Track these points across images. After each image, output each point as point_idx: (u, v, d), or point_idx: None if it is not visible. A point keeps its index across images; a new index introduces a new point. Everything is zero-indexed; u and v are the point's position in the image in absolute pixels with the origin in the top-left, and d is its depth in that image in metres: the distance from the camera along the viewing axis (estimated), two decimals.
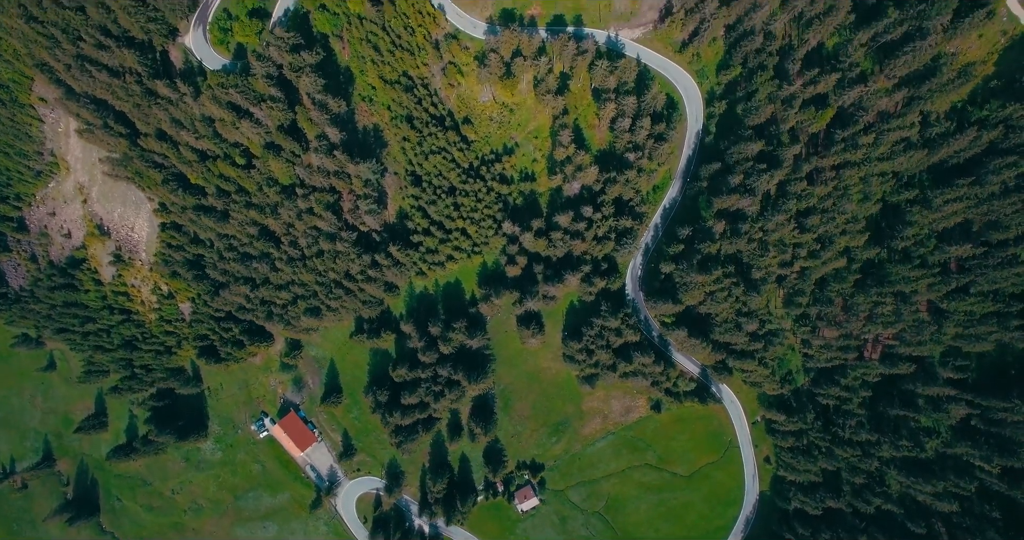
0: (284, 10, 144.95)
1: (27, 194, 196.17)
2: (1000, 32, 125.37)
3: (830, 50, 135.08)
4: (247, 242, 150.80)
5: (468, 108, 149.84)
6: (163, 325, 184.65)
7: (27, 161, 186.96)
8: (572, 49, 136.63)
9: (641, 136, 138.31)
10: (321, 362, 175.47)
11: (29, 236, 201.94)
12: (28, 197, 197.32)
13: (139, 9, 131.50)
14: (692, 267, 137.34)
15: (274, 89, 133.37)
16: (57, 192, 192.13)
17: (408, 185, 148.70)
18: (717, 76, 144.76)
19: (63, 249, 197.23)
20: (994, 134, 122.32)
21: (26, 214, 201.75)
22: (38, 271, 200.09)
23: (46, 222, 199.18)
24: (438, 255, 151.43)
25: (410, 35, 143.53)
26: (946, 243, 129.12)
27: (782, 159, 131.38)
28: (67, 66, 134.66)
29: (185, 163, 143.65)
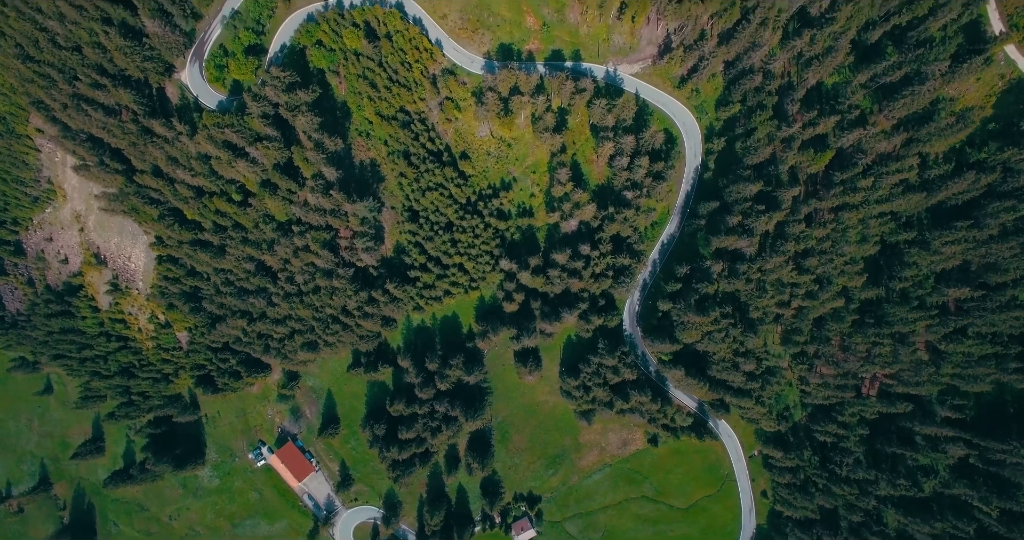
0: (280, 45, 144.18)
1: (24, 218, 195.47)
2: (998, 75, 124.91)
3: (829, 89, 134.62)
4: (244, 277, 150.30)
5: (465, 143, 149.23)
6: (160, 353, 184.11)
7: (24, 187, 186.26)
8: (570, 87, 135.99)
9: (639, 175, 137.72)
10: (319, 392, 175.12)
11: (26, 260, 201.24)
12: (25, 221, 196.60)
13: (135, 49, 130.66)
14: (689, 306, 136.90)
15: (270, 128, 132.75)
16: (54, 218, 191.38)
17: (405, 221, 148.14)
18: (716, 112, 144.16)
19: (60, 274, 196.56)
20: (992, 177, 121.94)
21: (23, 238, 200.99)
22: (35, 295, 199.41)
23: (43, 247, 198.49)
24: (435, 290, 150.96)
25: (407, 71, 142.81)
26: (944, 285, 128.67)
27: (781, 201, 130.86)
28: (63, 105, 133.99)
29: (181, 200, 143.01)
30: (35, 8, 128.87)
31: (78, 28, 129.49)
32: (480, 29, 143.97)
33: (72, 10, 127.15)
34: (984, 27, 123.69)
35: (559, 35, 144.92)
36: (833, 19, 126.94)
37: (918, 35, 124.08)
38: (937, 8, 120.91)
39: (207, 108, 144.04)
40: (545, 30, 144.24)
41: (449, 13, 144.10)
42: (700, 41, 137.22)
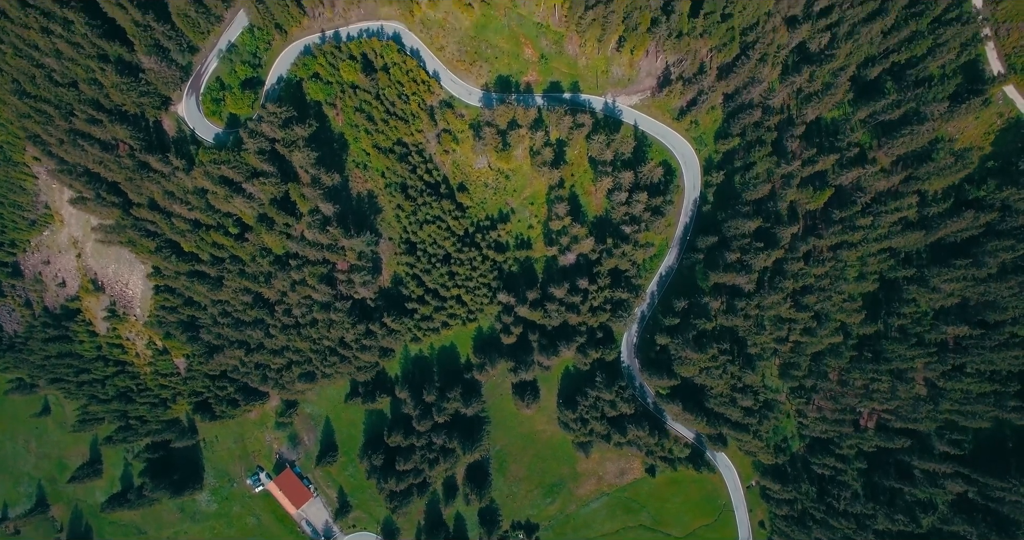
0: (277, 77, 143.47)
1: (21, 240, 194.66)
2: (997, 114, 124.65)
3: (829, 123, 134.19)
4: (241, 309, 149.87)
5: (463, 174, 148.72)
6: (158, 379, 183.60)
7: (20, 211, 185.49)
8: (568, 122, 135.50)
9: (638, 209, 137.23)
10: (317, 419, 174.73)
11: (23, 282, 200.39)
12: (23, 243, 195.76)
13: (131, 85, 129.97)
14: (687, 342, 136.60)
15: (266, 164, 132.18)
16: (51, 241, 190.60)
17: (402, 253, 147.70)
18: (715, 144, 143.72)
19: (57, 297, 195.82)
20: (991, 216, 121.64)
21: (20, 260, 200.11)
22: (32, 318, 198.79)
23: (40, 269, 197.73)
24: (433, 322, 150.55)
25: (404, 103, 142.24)
26: (943, 322, 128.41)
27: (779, 238, 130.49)
28: (59, 141, 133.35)
29: (178, 233, 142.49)
30: (32, 45, 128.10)
31: (74, 65, 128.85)
32: (478, 61, 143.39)
33: (69, 47, 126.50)
34: (983, 66, 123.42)
35: (557, 67, 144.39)
36: (832, 56, 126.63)
37: (917, 73, 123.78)
38: (936, 48, 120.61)
39: (204, 141, 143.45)
40: (543, 62, 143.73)
41: (447, 45, 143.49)
42: (699, 75, 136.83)
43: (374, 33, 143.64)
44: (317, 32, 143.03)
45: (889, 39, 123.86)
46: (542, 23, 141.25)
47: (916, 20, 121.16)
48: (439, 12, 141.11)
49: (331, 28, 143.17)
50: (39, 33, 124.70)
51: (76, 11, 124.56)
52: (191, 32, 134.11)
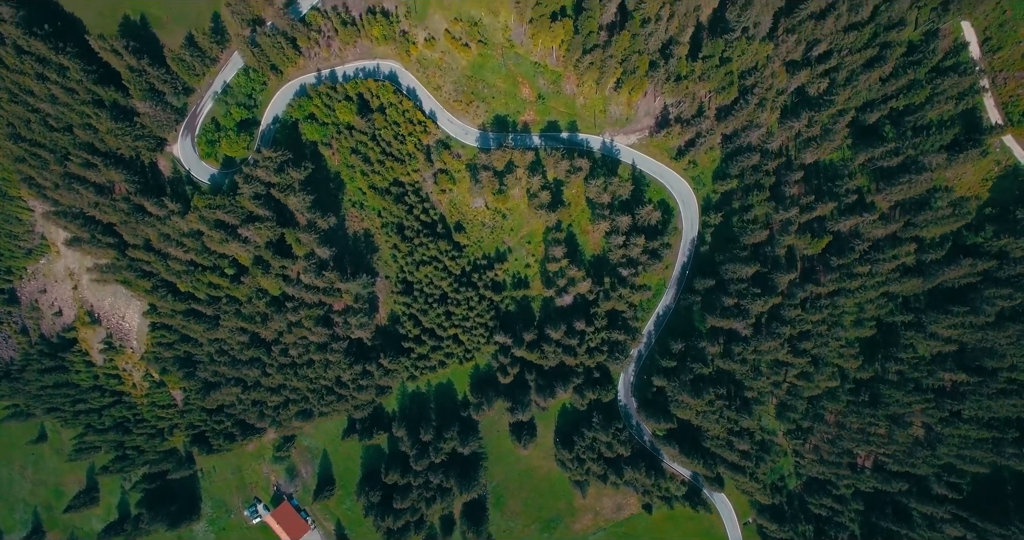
0: (273, 117, 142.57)
1: (17, 268, 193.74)
2: (994, 161, 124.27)
3: (828, 166, 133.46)
4: (238, 349, 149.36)
5: (460, 213, 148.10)
6: (155, 410, 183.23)
7: (17, 241, 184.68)
8: (565, 166, 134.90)
9: (635, 252, 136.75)
10: (314, 452, 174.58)
11: (20, 309, 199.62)
12: (19, 270, 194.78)
13: (125, 130, 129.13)
14: (684, 385, 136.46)
15: (262, 209, 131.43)
16: (48, 269, 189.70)
17: (399, 293, 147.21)
18: (713, 184, 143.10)
19: (54, 325, 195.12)
20: (989, 264, 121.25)
21: (17, 287, 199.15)
22: (29, 345, 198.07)
23: (37, 297, 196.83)
24: (429, 360, 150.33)
25: (400, 143, 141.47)
26: (940, 368, 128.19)
27: (777, 284, 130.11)
28: (55, 184, 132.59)
29: (174, 274, 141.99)
30: (27, 91, 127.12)
31: (69, 110, 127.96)
32: (475, 101, 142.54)
33: (64, 93, 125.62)
34: (980, 113, 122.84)
35: (555, 106, 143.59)
36: (831, 102, 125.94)
37: (915, 120, 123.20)
38: (934, 96, 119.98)
39: (199, 182, 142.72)
40: (540, 101, 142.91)
41: (443, 84, 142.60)
42: (698, 117, 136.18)
43: (370, 72, 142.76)
44: (313, 71, 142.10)
45: (888, 86, 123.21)
46: (539, 63, 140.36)
47: (914, 69, 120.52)
48: (435, 52, 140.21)
49: (327, 67, 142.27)
50: (34, 79, 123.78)
51: (71, 58, 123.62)
52: (186, 75, 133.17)
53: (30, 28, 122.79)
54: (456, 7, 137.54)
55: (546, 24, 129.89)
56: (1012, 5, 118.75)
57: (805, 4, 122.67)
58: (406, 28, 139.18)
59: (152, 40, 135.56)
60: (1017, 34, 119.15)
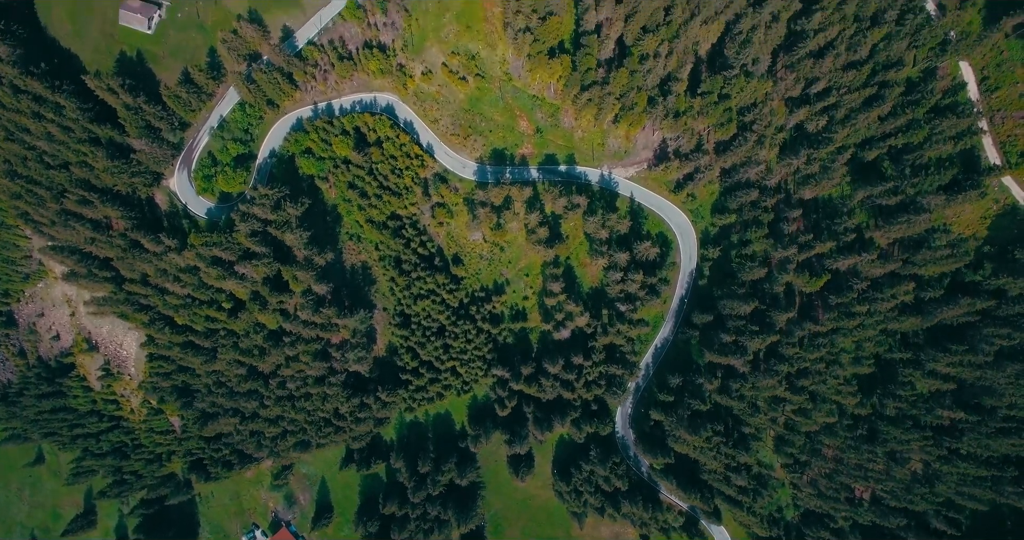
0: (269, 151, 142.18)
1: (15, 291, 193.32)
2: (992, 200, 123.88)
3: (827, 202, 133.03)
4: (235, 381, 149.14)
5: (458, 246, 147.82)
6: (153, 436, 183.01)
7: (14, 266, 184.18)
8: (563, 202, 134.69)
9: (633, 288, 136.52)
10: (312, 480, 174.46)
11: (17, 331, 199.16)
12: (16, 293, 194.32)
13: (121, 167, 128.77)
14: (682, 421, 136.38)
15: (259, 246, 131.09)
16: (45, 293, 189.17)
17: (397, 326, 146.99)
18: (712, 217, 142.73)
19: (52, 348, 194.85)
20: (987, 303, 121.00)
21: (14, 309, 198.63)
22: (26, 368, 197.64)
23: (34, 320, 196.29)
24: (427, 392, 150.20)
25: (397, 177, 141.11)
26: (938, 405, 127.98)
27: (775, 322, 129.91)
28: (51, 221, 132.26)
29: (171, 308, 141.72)
30: (23, 129, 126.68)
31: (65, 148, 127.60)
32: (472, 134, 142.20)
33: (60, 131, 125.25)
34: (979, 152, 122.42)
35: (553, 139, 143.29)
36: (830, 139, 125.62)
37: (914, 159, 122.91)
38: (932, 136, 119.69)
39: (196, 216, 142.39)
40: (538, 135, 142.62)
41: (441, 117, 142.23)
42: (696, 152, 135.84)
43: (367, 105, 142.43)
44: (309, 105, 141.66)
45: (886, 124, 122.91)
46: (537, 96, 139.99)
47: (912, 108, 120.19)
48: (433, 85, 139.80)
49: (323, 100, 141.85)
50: (30, 118, 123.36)
51: (67, 96, 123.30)
52: (182, 110, 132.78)
53: (27, 67, 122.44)
54: (453, 41, 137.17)
55: (544, 60, 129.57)
56: (1008, 46, 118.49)
57: (804, 43, 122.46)
58: (403, 61, 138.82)
59: (148, 75, 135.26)
60: (1014, 75, 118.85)
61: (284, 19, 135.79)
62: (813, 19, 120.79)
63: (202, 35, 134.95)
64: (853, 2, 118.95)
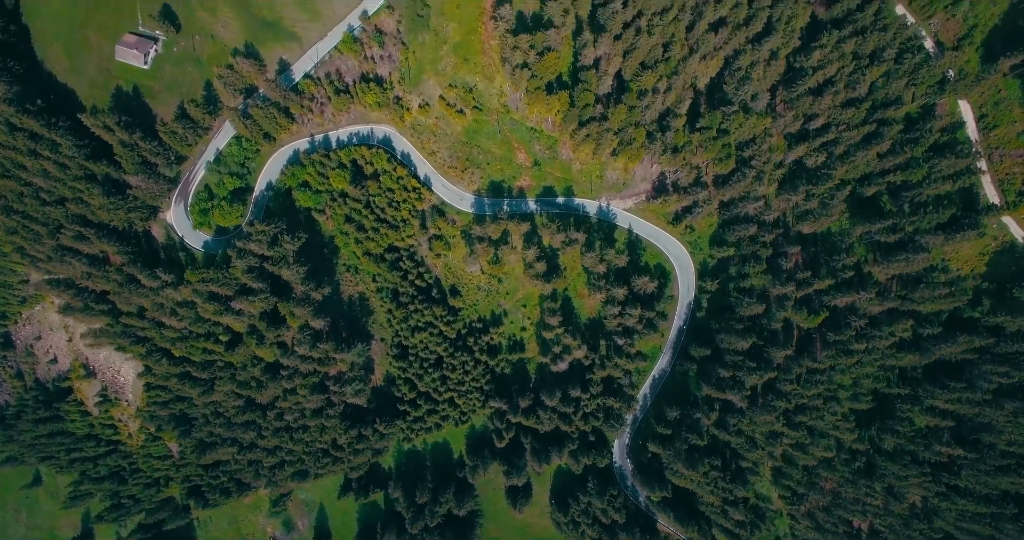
0: (266, 183, 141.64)
1: (12, 312, 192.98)
2: (991, 237, 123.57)
3: (825, 236, 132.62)
4: (233, 413, 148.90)
5: (455, 277, 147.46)
6: (151, 461, 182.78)
7: (11, 290, 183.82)
8: (561, 238, 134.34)
9: (631, 321, 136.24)
10: (311, 506, 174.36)
11: (15, 353, 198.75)
12: (13, 315, 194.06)
13: (118, 203, 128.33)
14: (679, 454, 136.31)
15: (256, 282, 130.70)
16: (43, 317, 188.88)
17: (394, 358, 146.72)
18: (710, 249, 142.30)
19: (49, 371, 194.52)
20: (986, 341, 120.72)
21: (12, 331, 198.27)
22: (24, 390, 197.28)
23: (32, 343, 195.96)
24: (425, 423, 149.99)
25: (395, 210, 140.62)
26: (937, 441, 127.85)
27: (773, 359, 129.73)
28: (47, 257, 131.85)
29: (168, 341, 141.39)
30: (19, 165, 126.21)
31: (61, 185, 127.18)
32: (470, 167, 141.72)
33: (56, 168, 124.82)
34: (977, 190, 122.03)
35: (551, 171, 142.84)
36: (829, 176, 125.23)
37: (913, 197, 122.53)
38: (931, 174, 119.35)
39: (193, 248, 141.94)
40: (536, 167, 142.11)
41: (438, 150, 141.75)
42: (695, 186, 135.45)
43: (364, 137, 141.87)
44: (306, 137, 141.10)
45: (885, 161, 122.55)
46: (535, 128, 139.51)
47: (911, 147, 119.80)
48: (430, 118, 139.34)
49: (320, 132, 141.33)
50: (26, 155, 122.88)
51: (63, 134, 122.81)
52: (178, 145, 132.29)
53: (23, 104, 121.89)
54: (450, 74, 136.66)
55: (542, 96, 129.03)
56: (1006, 85, 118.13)
57: (803, 80, 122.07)
58: (400, 94, 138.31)
59: (145, 110, 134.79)
60: (1012, 114, 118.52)
61: (280, 52, 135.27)
62: (812, 56, 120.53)
63: (198, 69, 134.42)
64: (852, 40, 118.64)
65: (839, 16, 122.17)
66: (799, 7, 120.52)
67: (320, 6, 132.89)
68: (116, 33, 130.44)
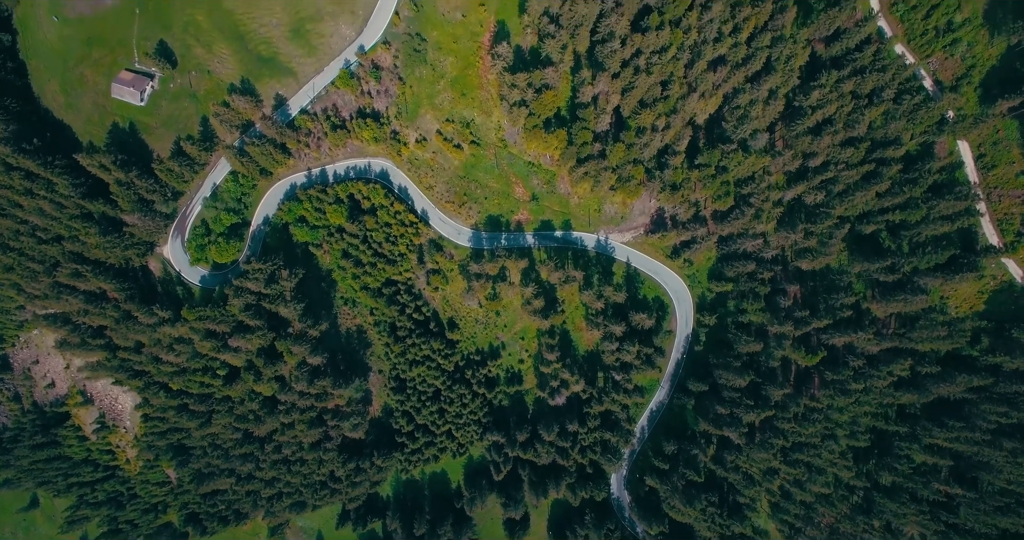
0: (263, 217, 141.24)
1: (10, 335, 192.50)
2: (990, 276, 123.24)
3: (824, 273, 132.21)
4: (231, 445, 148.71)
5: (453, 310, 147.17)
6: (149, 487, 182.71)
7: (8, 315, 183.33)
8: (560, 276, 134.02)
9: (628, 358, 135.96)
10: (309, 533, 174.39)
11: (12, 376, 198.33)
12: (11, 338, 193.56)
13: (114, 242, 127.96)
14: (676, 490, 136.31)
15: (253, 319, 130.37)
16: (40, 341, 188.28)
17: (392, 391, 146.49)
18: (709, 282, 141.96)
19: (47, 394, 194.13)
20: (985, 382, 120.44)
21: (10, 353, 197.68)
22: (21, 412, 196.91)
23: (29, 366, 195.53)
24: (422, 455, 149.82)
25: (392, 245, 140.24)
26: (935, 479, 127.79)
27: (770, 397, 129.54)
28: (44, 294, 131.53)
29: (165, 375, 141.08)
30: (15, 204, 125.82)
31: (58, 224, 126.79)
32: (467, 201, 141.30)
33: (52, 207, 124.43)
34: (976, 229, 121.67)
35: (549, 205, 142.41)
36: (828, 214, 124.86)
37: (912, 236, 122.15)
38: (930, 215, 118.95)
39: (190, 283, 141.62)
40: (534, 201, 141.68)
41: (435, 184, 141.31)
42: (693, 222, 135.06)
43: (362, 171, 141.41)
44: (303, 171, 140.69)
45: (884, 201, 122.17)
46: (533, 162, 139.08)
47: (910, 187, 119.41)
48: (427, 152, 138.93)
49: (317, 166, 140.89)
50: (22, 195, 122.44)
51: (59, 173, 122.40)
52: (174, 181, 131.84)
53: (19, 144, 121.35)
54: (448, 108, 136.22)
55: (540, 134, 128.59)
56: (1005, 125, 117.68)
57: (802, 119, 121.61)
58: (397, 128, 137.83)
59: (141, 146, 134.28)
60: (1010, 154, 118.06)
61: (277, 87, 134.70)
62: (811, 96, 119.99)
63: (194, 104, 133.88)
64: (851, 80, 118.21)
65: (838, 54, 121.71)
66: (798, 47, 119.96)
67: (316, 42, 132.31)
68: (112, 70, 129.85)
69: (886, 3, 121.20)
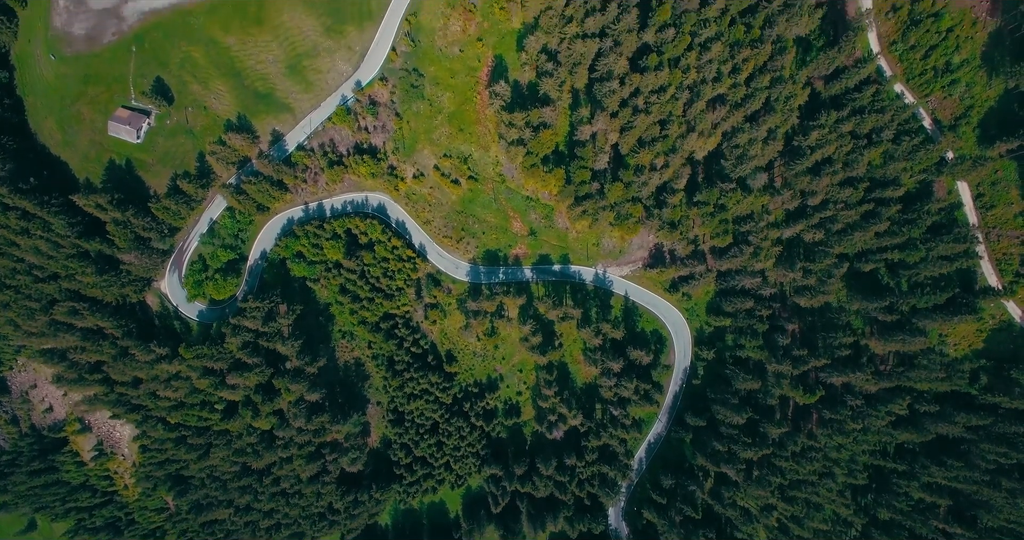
0: (261, 251, 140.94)
1: (7, 359, 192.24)
2: (989, 315, 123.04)
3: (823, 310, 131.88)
4: (229, 478, 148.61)
5: (451, 342, 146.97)
6: (147, 514, 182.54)
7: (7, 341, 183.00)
8: (558, 313, 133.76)
9: (626, 393, 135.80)
10: None
11: (10, 399, 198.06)
12: (9, 362, 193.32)
13: (111, 280, 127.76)
14: (674, 525, 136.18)
15: (250, 357, 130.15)
16: (39, 366, 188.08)
17: (390, 424, 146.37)
18: (707, 316, 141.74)
19: (44, 418, 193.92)
20: (983, 421, 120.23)
21: (8, 376, 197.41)
22: (19, 436, 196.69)
23: (27, 389, 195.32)
24: (421, 486, 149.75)
25: (389, 280, 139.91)
26: (934, 517, 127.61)
27: (768, 435, 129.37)
28: (41, 332, 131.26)
29: (163, 409, 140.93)
30: (11, 243, 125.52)
31: (54, 263, 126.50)
32: (465, 236, 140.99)
33: (48, 246, 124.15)
34: (975, 269, 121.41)
35: (547, 239, 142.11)
36: (827, 253, 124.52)
37: (910, 276, 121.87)
38: (928, 255, 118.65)
39: (187, 318, 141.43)
40: (532, 236, 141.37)
41: (433, 219, 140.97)
42: (692, 258, 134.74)
43: (359, 205, 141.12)
44: (300, 205, 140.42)
45: (883, 240, 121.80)
46: (531, 197, 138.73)
47: (909, 227, 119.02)
48: (425, 187, 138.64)
49: (314, 200, 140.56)
50: (18, 234, 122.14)
51: (56, 212, 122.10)
52: (171, 219, 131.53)
53: (16, 184, 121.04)
54: (445, 143, 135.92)
55: (538, 172, 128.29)
56: (1003, 166, 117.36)
57: (801, 159, 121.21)
58: (394, 164, 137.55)
59: (138, 183, 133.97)
60: (1009, 195, 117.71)
61: (274, 123, 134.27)
62: (811, 136, 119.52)
63: (191, 140, 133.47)
64: (850, 120, 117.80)
65: (838, 93, 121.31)
66: (797, 87, 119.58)
67: (313, 78, 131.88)
68: (109, 107, 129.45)
69: (885, 43, 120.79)
